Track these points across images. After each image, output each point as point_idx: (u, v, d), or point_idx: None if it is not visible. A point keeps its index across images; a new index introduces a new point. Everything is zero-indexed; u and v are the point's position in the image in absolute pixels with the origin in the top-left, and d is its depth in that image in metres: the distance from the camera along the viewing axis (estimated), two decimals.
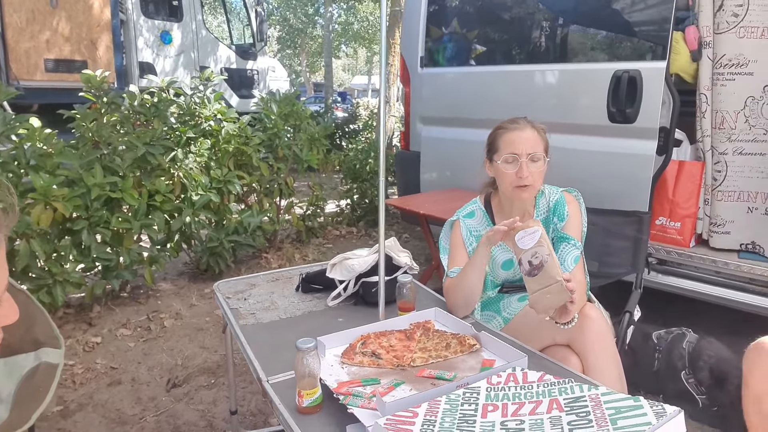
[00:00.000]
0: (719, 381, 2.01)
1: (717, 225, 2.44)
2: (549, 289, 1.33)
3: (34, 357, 1.45)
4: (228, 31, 9.65)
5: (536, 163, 1.61)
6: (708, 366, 2.03)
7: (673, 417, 0.87)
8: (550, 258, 1.34)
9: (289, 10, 21.84)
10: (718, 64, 2.32)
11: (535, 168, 1.60)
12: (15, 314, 0.75)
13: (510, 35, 3.14)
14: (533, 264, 1.35)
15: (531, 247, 1.37)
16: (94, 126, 3.03)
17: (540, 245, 1.36)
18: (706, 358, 2.04)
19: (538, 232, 1.37)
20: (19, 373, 1.41)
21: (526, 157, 1.59)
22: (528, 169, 1.59)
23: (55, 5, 5.31)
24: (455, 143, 3.22)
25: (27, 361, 1.43)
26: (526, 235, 1.39)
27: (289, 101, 4.13)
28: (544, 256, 1.34)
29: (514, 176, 1.60)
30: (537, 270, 1.34)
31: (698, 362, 2.05)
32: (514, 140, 1.62)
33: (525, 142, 1.60)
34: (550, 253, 1.34)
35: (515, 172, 1.60)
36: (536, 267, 1.35)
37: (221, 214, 3.68)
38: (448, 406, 1.01)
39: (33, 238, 2.53)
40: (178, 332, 2.93)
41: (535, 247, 1.36)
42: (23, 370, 1.42)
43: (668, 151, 2.36)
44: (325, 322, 1.58)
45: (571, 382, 1.05)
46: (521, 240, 1.39)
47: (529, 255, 1.36)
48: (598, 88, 2.49)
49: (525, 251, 1.37)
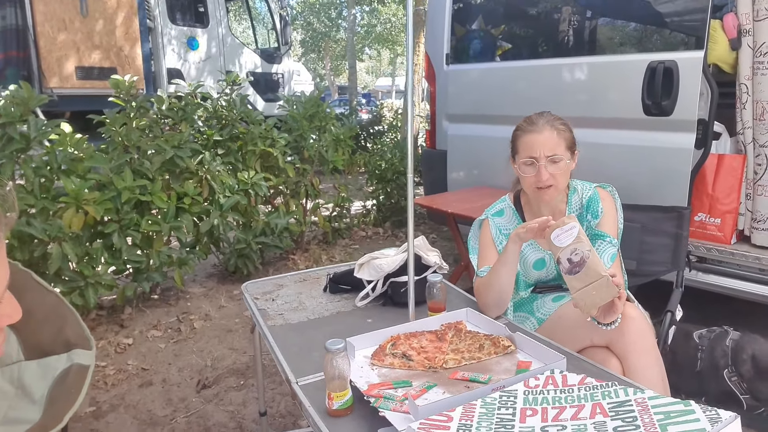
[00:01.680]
0: (762, 373, 1.91)
1: (758, 221, 2.34)
2: (594, 286, 1.26)
3: (66, 358, 1.45)
4: (253, 35, 9.75)
5: (557, 164, 1.56)
6: (750, 358, 1.93)
7: (730, 423, 0.81)
8: (591, 254, 1.28)
9: (313, 14, 22.00)
10: (758, 52, 2.22)
11: (555, 169, 1.56)
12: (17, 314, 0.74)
13: (537, 29, 3.07)
14: (573, 261, 1.29)
15: (569, 244, 1.31)
16: (124, 130, 3.07)
17: (579, 241, 1.30)
18: (749, 351, 1.94)
19: (576, 228, 1.31)
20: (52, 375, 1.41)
21: (544, 160, 1.55)
22: (547, 172, 1.55)
23: (85, 14, 5.43)
24: (482, 140, 3.16)
25: (59, 362, 1.44)
26: (562, 233, 1.33)
27: (314, 103, 4.13)
28: (585, 252, 1.28)
29: (534, 179, 1.57)
30: (578, 267, 1.28)
31: (741, 355, 1.95)
32: (532, 143, 1.57)
33: (543, 145, 1.55)
34: (590, 248, 1.28)
35: (534, 175, 1.57)
36: (577, 264, 1.29)
37: (248, 216, 3.70)
38: (484, 410, 0.97)
39: (65, 241, 2.57)
40: (207, 333, 2.94)
41: (574, 244, 1.30)
42: (56, 371, 1.42)
43: (707, 144, 2.27)
44: (354, 323, 1.55)
45: (615, 385, 0.99)
46: (557, 238, 1.33)
47: (569, 252, 1.30)
48: (632, 80, 2.41)
49: (563, 249, 1.31)
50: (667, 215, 2.05)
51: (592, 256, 1.27)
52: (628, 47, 2.65)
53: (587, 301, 1.28)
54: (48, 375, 1.43)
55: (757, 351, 1.95)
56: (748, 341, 2.00)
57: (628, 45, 2.66)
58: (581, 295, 1.28)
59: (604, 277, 1.25)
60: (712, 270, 2.41)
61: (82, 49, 5.50)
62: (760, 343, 1.98)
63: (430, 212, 3.42)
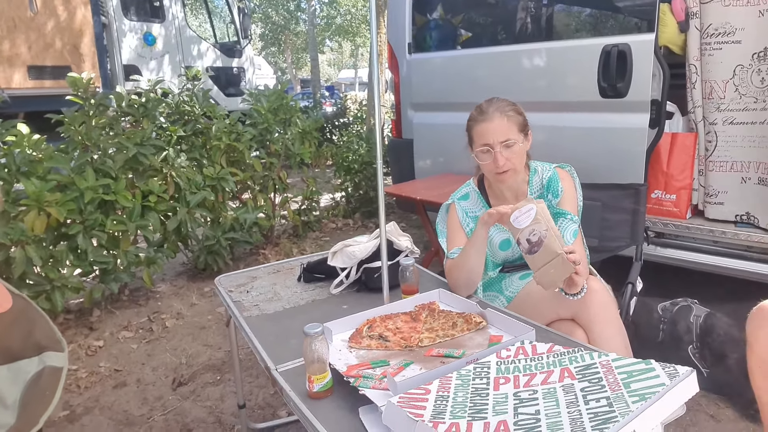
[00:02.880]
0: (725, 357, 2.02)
1: (711, 195, 2.45)
2: (552, 264, 1.33)
3: (37, 361, 1.44)
4: (211, 29, 9.57)
5: (511, 149, 1.63)
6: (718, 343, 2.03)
7: (686, 377, 0.87)
8: (548, 233, 1.34)
9: (271, 6, 21.67)
10: (705, 33, 2.33)
11: (510, 153, 1.63)
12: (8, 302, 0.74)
13: (495, 17, 3.13)
14: (532, 242, 1.36)
15: (527, 225, 1.37)
16: (83, 129, 3.00)
17: (537, 222, 1.36)
18: (716, 336, 2.04)
19: (533, 209, 1.38)
20: (23, 379, 1.40)
21: (499, 146, 1.62)
22: (503, 158, 1.62)
23: (35, 11, 5.24)
24: (447, 128, 3.20)
25: (30, 366, 1.42)
26: (521, 215, 1.40)
27: (278, 96, 4.11)
28: (542, 232, 1.34)
29: (491, 165, 1.64)
30: (537, 247, 1.35)
31: (708, 338, 2.05)
32: (484, 132, 1.64)
33: (495, 132, 1.62)
34: (548, 228, 1.35)
35: (491, 162, 1.63)
36: (535, 244, 1.35)
37: (217, 212, 3.66)
38: (460, 382, 1.01)
39: (28, 245, 2.51)
40: (180, 332, 2.92)
41: (532, 225, 1.37)
42: (27, 375, 1.41)
43: (661, 123, 2.37)
44: (330, 310, 1.58)
45: (581, 350, 1.05)
46: (516, 220, 1.40)
47: (527, 233, 1.37)
48: (587, 64, 2.49)
49: (522, 230, 1.38)
50: (625, 192, 2.14)
51: (549, 235, 1.34)
52: (583, 32, 2.73)
53: (547, 279, 1.36)
54: (19, 379, 1.41)
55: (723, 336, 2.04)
56: (715, 323, 2.08)
57: (583, 30, 2.74)
58: (541, 274, 1.36)
59: (559, 255, 1.32)
60: (669, 244, 2.53)
61: (34, 47, 5.31)
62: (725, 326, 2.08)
63: (399, 200, 3.45)
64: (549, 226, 1.35)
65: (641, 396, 0.84)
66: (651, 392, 0.85)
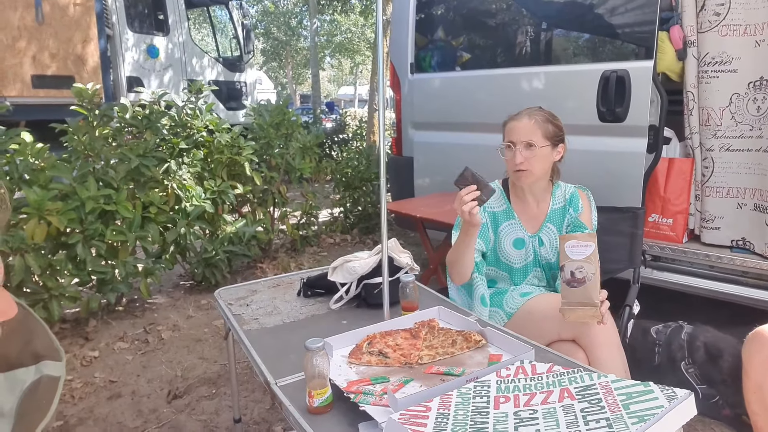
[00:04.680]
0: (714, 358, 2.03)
1: (707, 220, 2.48)
2: (585, 309, 1.37)
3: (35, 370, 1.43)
4: (215, 44, 9.66)
5: (531, 150, 1.71)
6: (703, 344, 2.06)
7: (684, 399, 0.89)
8: (594, 277, 1.37)
9: (273, 23, 21.90)
10: (702, 62, 2.38)
11: (529, 154, 1.71)
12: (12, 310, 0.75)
13: (496, 40, 3.18)
14: (576, 277, 1.39)
15: (580, 259, 1.40)
16: (86, 139, 3.02)
17: (588, 261, 1.39)
18: (702, 338, 2.07)
19: (592, 247, 1.40)
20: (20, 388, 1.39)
21: (520, 144, 1.72)
22: (522, 155, 1.71)
23: (41, 21, 5.29)
24: (447, 147, 3.25)
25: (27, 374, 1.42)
26: (578, 245, 1.42)
27: (279, 111, 4.14)
28: (589, 274, 1.38)
29: (511, 162, 1.74)
30: (578, 284, 1.38)
31: (695, 343, 2.08)
32: (510, 129, 1.76)
33: (519, 131, 1.73)
34: (595, 272, 1.37)
35: (511, 158, 1.73)
36: (578, 281, 1.39)
37: (216, 225, 3.67)
38: (461, 400, 1.02)
39: (27, 253, 2.51)
40: (176, 344, 2.91)
41: (583, 261, 1.39)
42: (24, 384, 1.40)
43: (658, 148, 2.41)
44: (329, 325, 1.58)
45: (581, 371, 1.06)
46: (571, 249, 1.42)
47: (575, 266, 1.40)
48: (587, 88, 2.53)
49: (573, 261, 1.41)
50: (623, 215, 2.17)
51: (594, 279, 1.37)
52: (583, 57, 2.78)
53: (572, 316, 1.40)
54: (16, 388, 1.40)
55: (708, 337, 2.08)
56: (701, 330, 2.13)
57: (582, 55, 2.79)
58: (570, 310, 1.40)
59: (596, 305, 1.35)
60: (666, 268, 2.55)
61: (38, 57, 5.35)
62: (711, 332, 2.12)
63: (398, 217, 3.47)
64: (597, 271, 1.38)
65: (640, 418, 0.86)
66: (650, 414, 0.86)
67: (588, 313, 1.37)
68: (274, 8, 21.48)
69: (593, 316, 1.37)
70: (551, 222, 1.82)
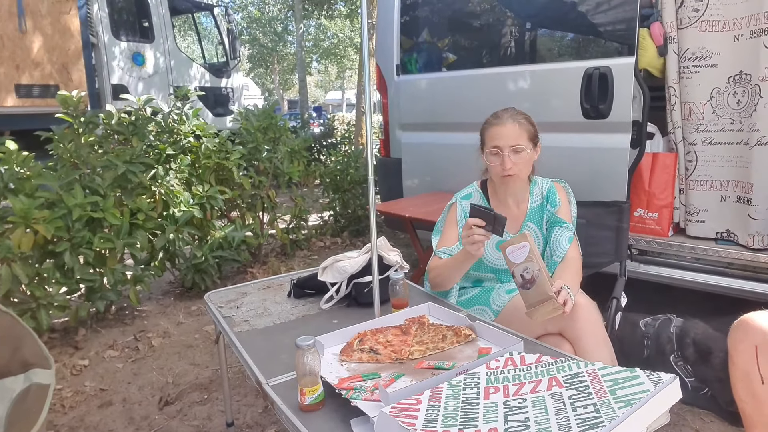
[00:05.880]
0: (704, 355, 2.06)
1: (691, 214, 2.52)
2: (545, 306, 1.40)
3: (23, 379, 1.42)
4: (200, 50, 9.64)
5: (519, 154, 1.71)
6: (693, 341, 2.09)
7: (669, 383, 0.90)
8: (540, 273, 1.40)
9: (259, 29, 21.88)
10: (683, 57, 2.41)
11: (518, 159, 1.71)
12: None
13: (480, 40, 3.21)
14: (525, 278, 1.43)
15: (522, 261, 1.43)
16: (73, 146, 3.00)
17: (530, 260, 1.42)
18: (692, 335, 2.10)
19: (527, 246, 1.43)
20: (9, 397, 1.38)
21: (508, 149, 1.70)
22: (511, 161, 1.70)
23: (24, 30, 5.26)
24: (434, 147, 3.26)
25: (16, 383, 1.40)
26: (516, 249, 1.45)
27: (267, 115, 4.14)
28: (535, 272, 1.41)
29: (499, 167, 1.72)
30: (530, 284, 1.42)
31: (685, 340, 2.11)
32: (496, 135, 1.73)
33: (506, 136, 1.71)
34: (540, 268, 1.41)
35: (499, 164, 1.71)
36: (529, 281, 1.42)
37: (205, 230, 3.66)
38: (451, 392, 1.03)
39: (14, 262, 2.49)
40: (167, 350, 2.89)
41: (526, 262, 1.43)
42: (13, 393, 1.39)
43: (642, 143, 2.44)
44: (320, 325, 1.59)
45: (568, 360, 1.08)
46: (512, 254, 1.46)
47: (521, 269, 1.44)
48: (570, 86, 2.56)
49: (517, 265, 1.44)
50: (608, 210, 2.20)
51: (542, 275, 1.41)
52: (566, 55, 2.81)
53: (537, 315, 1.43)
54: (5, 397, 1.39)
55: (698, 334, 2.11)
56: (691, 326, 2.16)
57: (565, 53, 2.82)
58: (532, 311, 1.43)
59: (551, 297, 1.39)
60: (652, 261, 2.58)
61: (22, 66, 5.32)
62: (700, 327, 2.14)
63: (387, 219, 3.48)
64: (540, 266, 1.41)
65: (627, 402, 0.87)
66: (636, 398, 0.88)
67: (549, 308, 1.40)
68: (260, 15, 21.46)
69: (555, 309, 1.40)
70: (531, 221, 1.84)
